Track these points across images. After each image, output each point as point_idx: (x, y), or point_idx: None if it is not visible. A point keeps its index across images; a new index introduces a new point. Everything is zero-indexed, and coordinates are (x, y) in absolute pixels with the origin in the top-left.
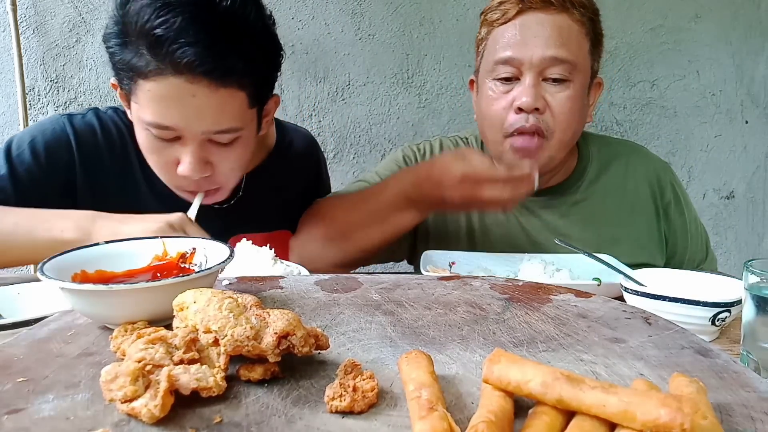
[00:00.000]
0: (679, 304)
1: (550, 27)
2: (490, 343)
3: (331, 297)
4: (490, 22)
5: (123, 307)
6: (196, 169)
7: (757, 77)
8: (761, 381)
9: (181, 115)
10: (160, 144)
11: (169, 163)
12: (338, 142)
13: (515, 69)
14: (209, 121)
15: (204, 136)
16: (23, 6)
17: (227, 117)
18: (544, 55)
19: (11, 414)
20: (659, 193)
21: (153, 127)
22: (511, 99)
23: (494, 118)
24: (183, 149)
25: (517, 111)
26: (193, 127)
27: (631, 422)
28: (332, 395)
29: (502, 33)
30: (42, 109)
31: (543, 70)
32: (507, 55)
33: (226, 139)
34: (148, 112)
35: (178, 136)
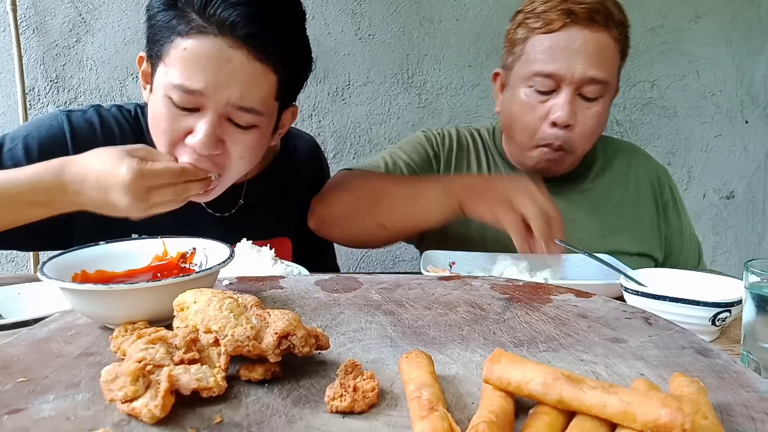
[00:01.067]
0: (679, 304)
1: (593, 45)
2: (491, 343)
3: (331, 297)
4: (531, 28)
5: (123, 307)
6: (208, 143)
7: (757, 77)
8: (761, 381)
9: (212, 78)
10: (177, 113)
11: (179, 132)
12: (338, 142)
13: (554, 83)
14: (237, 92)
15: (226, 108)
16: (23, 6)
17: (255, 95)
18: (585, 74)
19: (11, 414)
20: (659, 192)
21: (178, 91)
22: (547, 110)
23: (528, 126)
24: (199, 120)
25: (552, 125)
26: (220, 93)
27: (632, 422)
28: (333, 395)
29: (543, 42)
30: (42, 109)
31: (580, 87)
32: (549, 69)
33: (246, 121)
34: (178, 73)
35: (199, 107)
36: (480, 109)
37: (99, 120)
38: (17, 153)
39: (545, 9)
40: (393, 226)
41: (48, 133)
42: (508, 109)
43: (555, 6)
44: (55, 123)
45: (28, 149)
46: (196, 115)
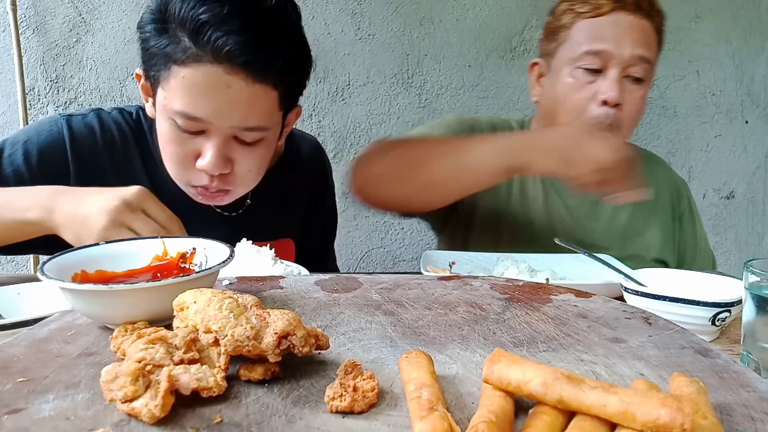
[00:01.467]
0: (679, 304)
1: (639, 29)
2: (491, 343)
3: (331, 297)
4: (578, 13)
5: (123, 307)
6: (217, 164)
7: (757, 77)
8: (761, 381)
9: (213, 106)
10: (183, 135)
11: (188, 155)
12: (338, 142)
13: (602, 62)
14: (240, 116)
15: (231, 131)
16: (23, 6)
17: (257, 114)
18: (633, 52)
19: (11, 414)
20: (677, 201)
21: (181, 117)
22: (594, 91)
23: (575, 106)
24: (206, 143)
25: (602, 103)
26: (223, 119)
27: (632, 422)
28: (332, 395)
29: (592, 25)
30: (42, 109)
31: (627, 67)
32: (599, 47)
33: (252, 138)
34: (179, 100)
35: (204, 129)
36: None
37: (99, 124)
38: (16, 159)
39: None
40: (440, 185)
41: (47, 138)
42: (551, 93)
43: None
44: (54, 128)
45: (27, 155)
46: (203, 137)
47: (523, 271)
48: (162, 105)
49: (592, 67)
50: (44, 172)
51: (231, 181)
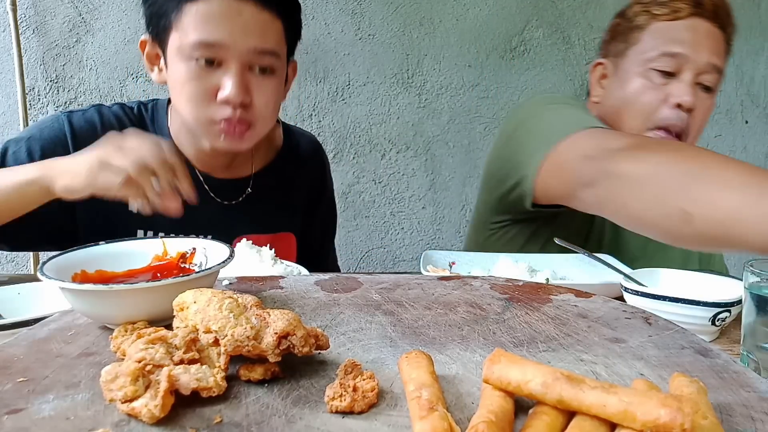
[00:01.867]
0: (679, 304)
1: (714, 38)
2: (490, 343)
3: (331, 297)
4: (654, 15)
5: (123, 307)
6: (239, 91)
7: (757, 77)
8: (761, 381)
9: (229, 30)
10: (201, 71)
11: (208, 91)
12: (338, 142)
13: (677, 65)
14: (255, 38)
15: (247, 56)
16: (23, 6)
17: (270, 38)
18: (710, 60)
19: (11, 414)
20: None
21: (199, 47)
22: (666, 93)
23: (645, 106)
24: (225, 74)
25: (675, 106)
26: (239, 42)
27: (632, 422)
28: (332, 395)
29: (669, 28)
30: (42, 109)
31: (701, 74)
32: (677, 50)
33: (267, 63)
34: (195, 31)
35: (221, 61)
36: (480, 109)
37: (100, 119)
38: (21, 156)
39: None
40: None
41: (49, 134)
42: (618, 93)
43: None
44: (56, 124)
45: (30, 151)
46: (221, 70)
47: (523, 271)
48: (177, 48)
49: (666, 69)
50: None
51: (252, 114)
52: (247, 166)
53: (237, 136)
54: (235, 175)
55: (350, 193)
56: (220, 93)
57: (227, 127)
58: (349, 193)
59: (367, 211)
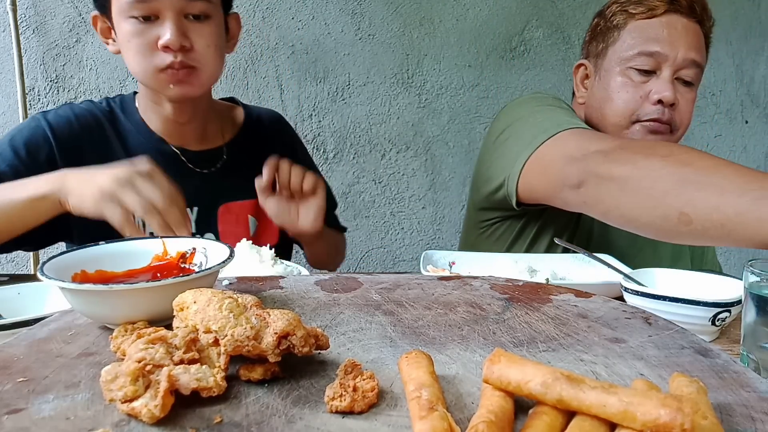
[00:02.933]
0: (679, 304)
1: (691, 32)
2: (490, 343)
3: (331, 297)
4: (631, 14)
5: (123, 307)
6: (176, 36)
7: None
8: (761, 381)
9: None
10: (140, 26)
11: (150, 42)
12: (338, 142)
13: (655, 63)
14: None
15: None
16: (23, 6)
17: None
18: (686, 56)
19: (11, 414)
20: None
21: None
22: (648, 90)
23: (627, 104)
24: (162, 26)
25: (656, 103)
26: None
27: (632, 422)
28: (332, 395)
29: (646, 26)
30: (42, 109)
31: (679, 69)
32: (654, 48)
33: (199, 9)
34: None
35: (157, 14)
36: (480, 109)
37: (73, 113)
38: (7, 156)
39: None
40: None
41: (29, 133)
42: (601, 93)
43: None
44: (33, 123)
45: (15, 149)
46: (158, 23)
47: (523, 270)
48: (117, 12)
49: (644, 68)
50: (35, 161)
51: (194, 57)
52: (217, 138)
53: (183, 81)
54: (208, 146)
55: (350, 193)
56: (160, 41)
57: (173, 74)
58: (349, 193)
59: (367, 211)
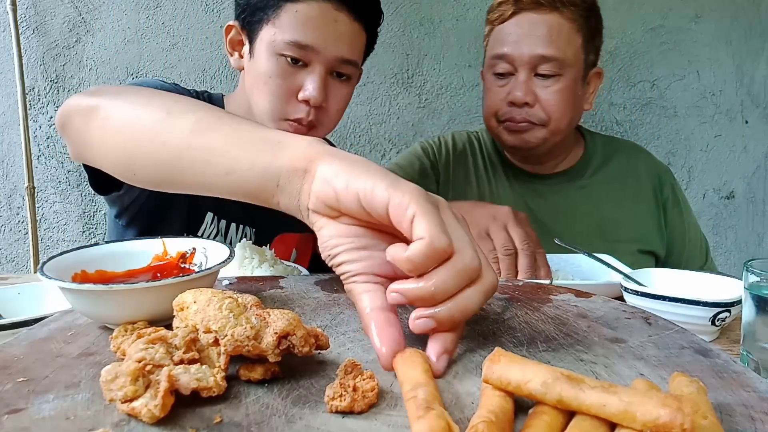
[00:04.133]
0: (679, 304)
1: (541, 26)
2: (491, 343)
3: (331, 297)
4: (491, 21)
5: (123, 307)
6: (320, 93)
7: (757, 77)
8: (761, 381)
9: (323, 36)
10: (288, 69)
11: (291, 89)
12: (338, 142)
13: (510, 65)
14: (344, 47)
15: (333, 62)
16: (23, 6)
17: (356, 50)
18: (532, 53)
19: (11, 414)
20: (659, 189)
21: (291, 46)
22: (507, 92)
23: (491, 108)
24: (309, 75)
25: (509, 104)
26: (330, 49)
27: (632, 422)
28: (332, 395)
29: (499, 31)
30: (42, 109)
31: (534, 66)
32: (502, 51)
33: (348, 71)
34: (291, 31)
35: (307, 62)
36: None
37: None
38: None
39: (500, 1)
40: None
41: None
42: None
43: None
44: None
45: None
46: (305, 71)
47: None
48: (268, 42)
49: (501, 71)
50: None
51: (322, 118)
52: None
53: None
54: None
55: None
56: (301, 92)
57: (296, 126)
58: None
59: None
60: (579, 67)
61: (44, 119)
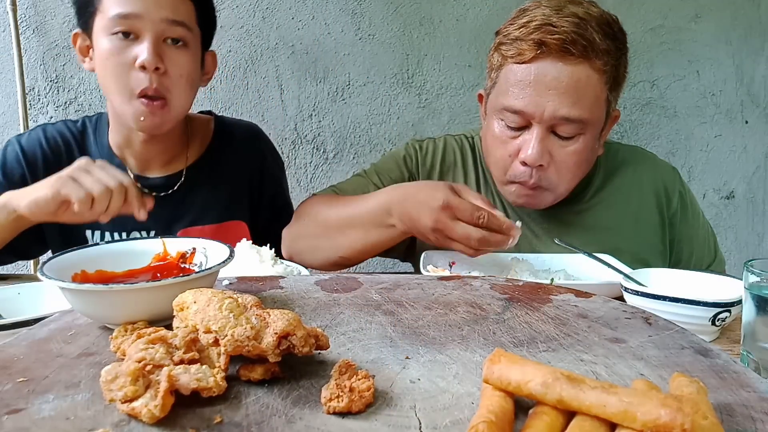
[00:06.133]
0: (679, 304)
1: (567, 80)
2: (491, 343)
3: (331, 297)
4: (505, 56)
5: (123, 307)
6: (153, 56)
7: (757, 77)
8: (761, 381)
9: (142, 1)
10: (122, 44)
11: (128, 61)
12: (338, 142)
13: (523, 120)
14: (166, 10)
15: (160, 25)
16: (23, 6)
17: (182, 11)
18: (555, 113)
19: (11, 414)
20: (666, 203)
21: (117, 20)
22: (517, 147)
23: (498, 162)
24: (141, 45)
25: (522, 163)
26: (152, 12)
27: (632, 422)
28: (329, 396)
29: (515, 74)
30: (42, 109)
31: (553, 126)
32: (518, 106)
33: (178, 34)
34: (113, 6)
35: (137, 34)
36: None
37: (44, 137)
38: None
39: (518, 36)
40: (352, 256)
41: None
42: (484, 138)
43: (528, 34)
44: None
45: None
46: (138, 42)
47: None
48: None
49: (513, 125)
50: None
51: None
52: (181, 162)
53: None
54: (170, 171)
55: None
56: (137, 61)
57: (147, 104)
58: None
59: None
60: (600, 121)
61: (44, 119)
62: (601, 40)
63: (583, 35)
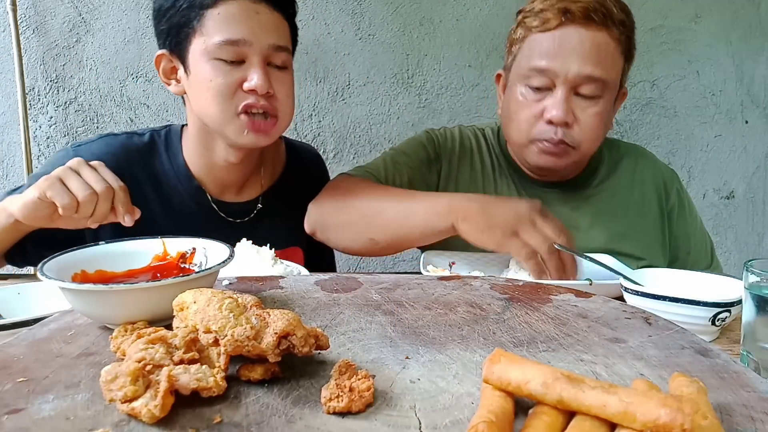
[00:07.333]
0: (679, 304)
1: (589, 44)
2: (490, 343)
3: (331, 297)
4: (529, 27)
5: (123, 307)
6: (264, 81)
7: (757, 77)
8: (761, 381)
9: (249, 28)
10: (226, 68)
11: (234, 84)
12: (338, 142)
13: (549, 80)
14: (272, 35)
15: (267, 51)
16: (23, 6)
17: (283, 36)
18: (580, 72)
19: (11, 414)
20: (664, 198)
21: (224, 46)
22: (542, 108)
23: (522, 123)
24: (249, 68)
25: (548, 122)
26: (260, 38)
27: (632, 422)
28: (329, 396)
29: (540, 41)
30: (42, 109)
31: (576, 85)
32: (543, 65)
33: (282, 60)
34: (218, 32)
35: (243, 59)
36: (480, 109)
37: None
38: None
39: (543, 8)
40: (385, 242)
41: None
42: (506, 107)
43: (552, 5)
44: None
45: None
46: (243, 66)
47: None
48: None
49: (538, 85)
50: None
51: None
52: (256, 187)
53: (261, 130)
54: (245, 197)
55: None
56: (246, 83)
57: (251, 123)
58: None
59: None
60: (616, 89)
61: (44, 119)
62: (618, 12)
63: (603, 5)
